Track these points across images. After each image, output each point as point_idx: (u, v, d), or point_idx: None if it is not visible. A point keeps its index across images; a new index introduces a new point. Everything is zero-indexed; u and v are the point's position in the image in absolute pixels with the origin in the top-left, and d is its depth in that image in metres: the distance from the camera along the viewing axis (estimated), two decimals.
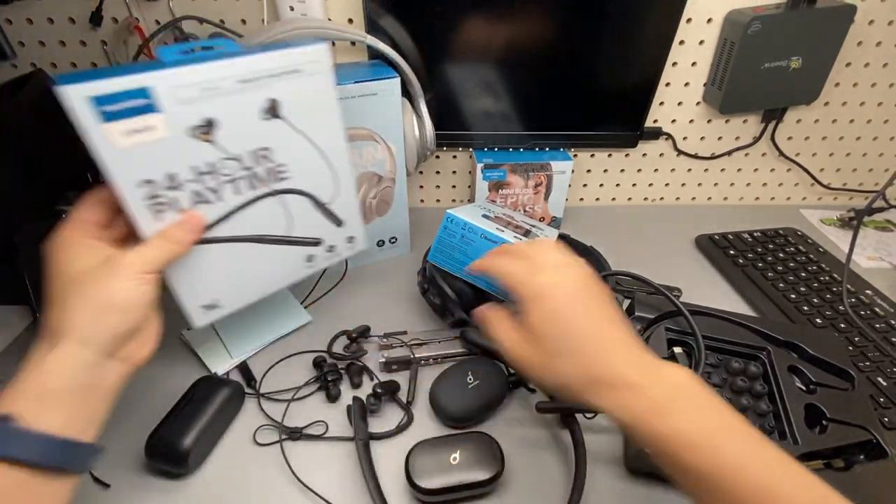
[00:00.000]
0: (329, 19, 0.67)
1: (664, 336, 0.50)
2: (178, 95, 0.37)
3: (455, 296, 0.56)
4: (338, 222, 0.51)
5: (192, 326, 0.46)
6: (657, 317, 0.52)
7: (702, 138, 0.81)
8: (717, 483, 0.29)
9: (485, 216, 0.56)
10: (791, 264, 0.71)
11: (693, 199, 0.89)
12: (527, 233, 0.57)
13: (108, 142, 0.35)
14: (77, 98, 0.33)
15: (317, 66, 0.43)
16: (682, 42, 0.71)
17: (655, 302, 0.54)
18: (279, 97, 0.42)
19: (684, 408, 0.31)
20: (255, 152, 0.42)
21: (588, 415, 0.50)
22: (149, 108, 0.36)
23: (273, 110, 0.42)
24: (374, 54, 0.65)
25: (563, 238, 0.68)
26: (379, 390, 0.51)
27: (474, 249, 0.53)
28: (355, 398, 0.49)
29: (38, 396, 0.31)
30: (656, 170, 0.85)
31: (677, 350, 0.49)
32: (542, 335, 0.34)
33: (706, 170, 0.85)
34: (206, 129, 0.39)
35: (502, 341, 0.37)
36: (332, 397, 0.52)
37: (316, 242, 0.50)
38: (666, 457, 0.30)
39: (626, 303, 0.59)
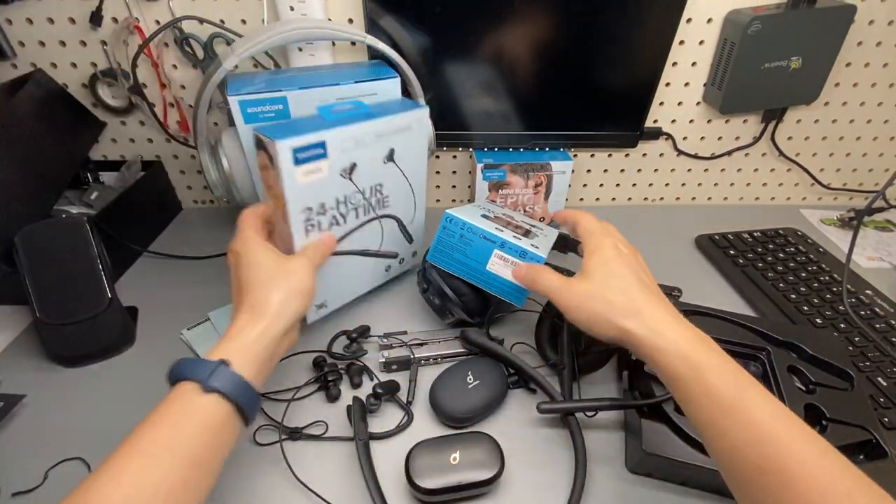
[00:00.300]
0: (329, 19, 0.67)
1: None
2: (340, 146, 0.49)
3: (455, 296, 0.56)
4: (410, 239, 0.65)
5: (306, 322, 0.58)
6: None
7: (702, 138, 0.81)
8: (737, 410, 0.33)
9: (484, 216, 0.56)
10: (791, 264, 0.71)
11: (693, 199, 0.89)
12: (527, 232, 0.57)
13: (294, 180, 0.46)
14: (284, 149, 0.44)
15: (420, 123, 0.56)
16: (682, 42, 0.71)
17: None
18: (395, 147, 0.55)
19: (712, 348, 0.37)
20: (374, 187, 0.55)
21: (588, 413, 0.50)
22: (322, 156, 0.47)
23: (391, 156, 0.55)
24: (374, 54, 0.65)
25: (562, 238, 0.68)
26: (379, 390, 0.51)
27: (474, 249, 0.53)
28: (355, 398, 0.49)
29: (243, 354, 0.38)
30: (656, 170, 0.85)
31: None
32: (595, 272, 0.42)
33: (706, 170, 0.85)
34: (350, 170, 0.51)
35: (548, 282, 0.44)
36: (332, 397, 0.52)
37: (395, 255, 0.64)
38: (691, 381, 0.35)
39: None
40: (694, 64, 0.73)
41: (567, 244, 0.66)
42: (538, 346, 0.57)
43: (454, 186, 0.85)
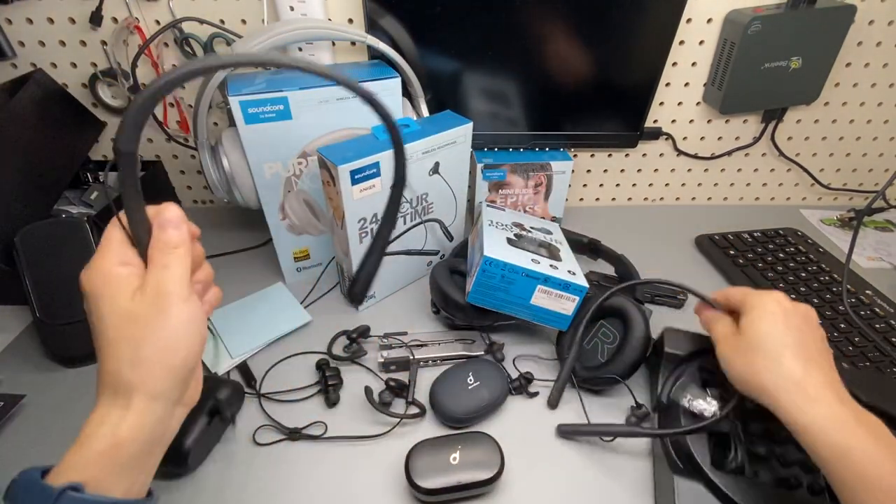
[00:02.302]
0: (329, 19, 0.67)
1: (698, 377, 0.47)
2: (392, 165, 0.49)
3: (455, 310, 0.57)
4: (451, 238, 0.70)
5: (357, 310, 0.64)
6: (689, 354, 0.49)
7: (702, 138, 0.81)
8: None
9: (510, 241, 0.56)
10: (791, 264, 0.71)
11: (693, 199, 0.89)
12: (548, 248, 0.57)
13: (352, 196, 0.53)
14: (345, 172, 0.51)
15: (463, 138, 0.61)
16: (682, 42, 0.71)
17: (686, 338, 0.51)
18: (440, 160, 0.60)
19: (869, 427, 0.33)
20: (420, 196, 0.61)
21: (606, 438, 0.49)
22: (375, 175, 0.54)
23: (436, 169, 0.60)
24: (374, 54, 0.65)
25: (593, 244, 0.69)
26: (392, 383, 0.52)
27: (516, 287, 0.53)
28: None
29: (109, 464, 0.28)
30: (656, 170, 0.85)
31: (713, 393, 0.46)
32: (749, 329, 0.39)
33: (706, 170, 0.85)
34: None
35: (719, 333, 0.43)
36: (332, 402, 0.52)
37: (437, 252, 0.69)
38: (841, 467, 0.32)
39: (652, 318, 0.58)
40: (694, 64, 0.73)
41: (597, 250, 0.66)
42: (559, 355, 0.56)
43: None
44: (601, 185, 0.87)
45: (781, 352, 0.37)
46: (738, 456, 0.42)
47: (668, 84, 0.75)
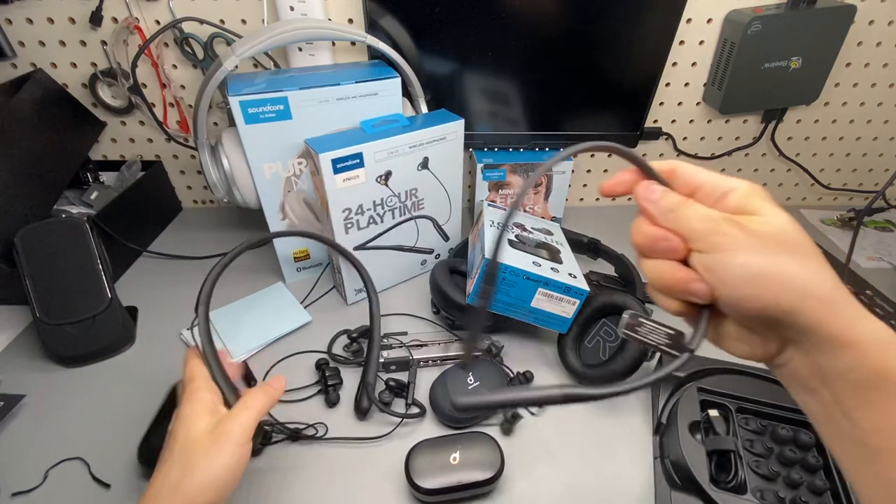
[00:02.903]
0: (329, 19, 0.67)
1: (697, 398, 0.47)
2: (375, 157, 0.55)
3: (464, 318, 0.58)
4: (446, 238, 0.70)
5: (347, 303, 0.65)
6: (688, 375, 0.49)
7: (702, 138, 0.81)
8: None
9: (511, 242, 0.56)
10: None
11: None
12: (549, 250, 0.57)
13: (334, 185, 0.54)
14: (326, 160, 0.52)
15: (454, 134, 0.61)
16: (682, 42, 0.71)
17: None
18: (429, 155, 0.60)
19: None
20: (409, 191, 0.61)
21: (523, 409, 0.49)
22: (359, 165, 0.54)
23: (425, 164, 0.60)
24: (374, 54, 0.65)
25: (593, 243, 0.69)
26: (392, 383, 0.52)
27: (517, 290, 0.53)
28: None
29: None
30: None
31: (713, 413, 0.46)
32: (777, 216, 0.28)
33: None
34: (385, 177, 0.58)
35: (704, 216, 0.28)
36: (332, 402, 0.52)
37: (431, 251, 0.69)
38: (873, 391, 0.26)
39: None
40: (694, 64, 0.73)
41: (597, 250, 0.65)
42: (560, 354, 0.56)
43: None
44: None
45: (814, 251, 0.27)
46: (738, 475, 0.41)
47: (668, 84, 0.75)
